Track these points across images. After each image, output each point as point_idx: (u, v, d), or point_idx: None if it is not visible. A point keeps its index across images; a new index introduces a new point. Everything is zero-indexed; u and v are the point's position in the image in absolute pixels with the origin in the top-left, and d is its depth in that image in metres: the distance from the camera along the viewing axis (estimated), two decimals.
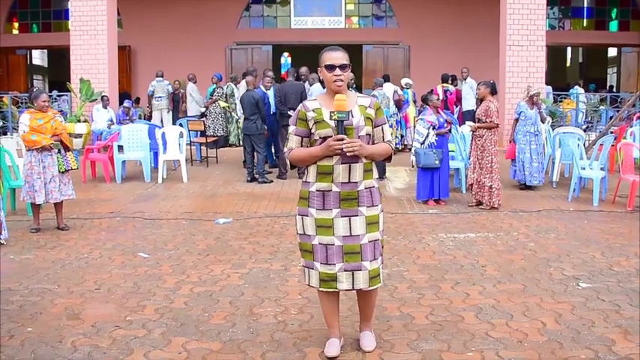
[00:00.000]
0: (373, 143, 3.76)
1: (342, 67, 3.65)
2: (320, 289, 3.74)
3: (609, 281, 5.35)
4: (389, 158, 3.85)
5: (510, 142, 9.88)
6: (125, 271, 5.77)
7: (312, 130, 3.69)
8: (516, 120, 9.78)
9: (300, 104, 3.82)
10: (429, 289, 5.16)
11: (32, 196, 7.27)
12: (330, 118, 3.59)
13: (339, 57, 3.67)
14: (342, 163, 3.61)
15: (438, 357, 3.86)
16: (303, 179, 3.77)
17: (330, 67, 3.65)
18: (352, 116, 3.64)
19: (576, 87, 18.01)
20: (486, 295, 5.00)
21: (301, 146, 3.74)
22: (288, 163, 3.86)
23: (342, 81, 3.66)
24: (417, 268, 5.80)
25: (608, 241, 6.80)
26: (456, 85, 15.41)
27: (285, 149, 3.81)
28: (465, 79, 15.39)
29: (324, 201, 3.66)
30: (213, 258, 6.19)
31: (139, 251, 6.45)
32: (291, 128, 3.78)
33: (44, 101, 7.28)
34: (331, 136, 3.59)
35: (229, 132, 14.74)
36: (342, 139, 3.52)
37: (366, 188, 3.69)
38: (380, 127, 3.78)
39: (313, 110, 3.69)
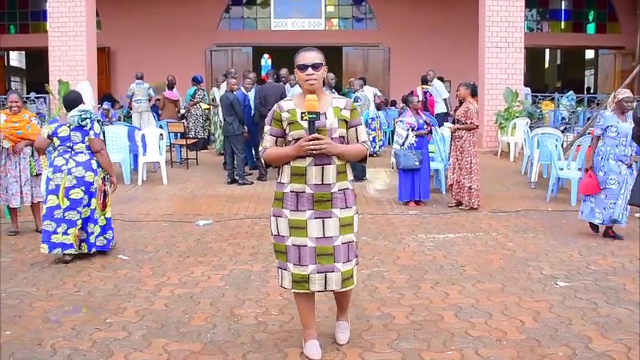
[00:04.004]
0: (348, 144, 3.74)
1: (315, 66, 3.62)
2: (292, 290, 3.74)
3: (586, 280, 5.42)
4: (364, 159, 3.80)
5: (589, 170, 6.92)
6: (105, 273, 5.74)
7: (286, 131, 3.68)
8: (598, 138, 6.87)
9: (276, 104, 3.80)
10: (409, 289, 5.19)
11: (6, 199, 7.20)
12: (302, 119, 3.59)
13: (312, 57, 3.64)
14: (314, 165, 3.59)
15: (418, 356, 3.89)
16: (277, 180, 3.75)
17: (303, 67, 3.63)
18: (326, 118, 3.63)
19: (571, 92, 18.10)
20: (466, 295, 5.04)
21: (276, 146, 3.73)
22: (262, 161, 3.84)
23: (315, 80, 3.62)
24: (397, 268, 5.83)
25: (585, 240, 6.89)
26: None
27: (260, 148, 3.80)
28: (431, 82, 14.93)
29: (298, 202, 3.65)
30: (194, 260, 6.17)
31: (118, 253, 6.41)
32: (267, 128, 3.77)
33: (11, 101, 7.06)
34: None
35: (216, 138, 14.47)
36: (313, 139, 3.51)
37: (339, 190, 3.67)
38: (354, 128, 3.74)
39: (287, 111, 3.68)
